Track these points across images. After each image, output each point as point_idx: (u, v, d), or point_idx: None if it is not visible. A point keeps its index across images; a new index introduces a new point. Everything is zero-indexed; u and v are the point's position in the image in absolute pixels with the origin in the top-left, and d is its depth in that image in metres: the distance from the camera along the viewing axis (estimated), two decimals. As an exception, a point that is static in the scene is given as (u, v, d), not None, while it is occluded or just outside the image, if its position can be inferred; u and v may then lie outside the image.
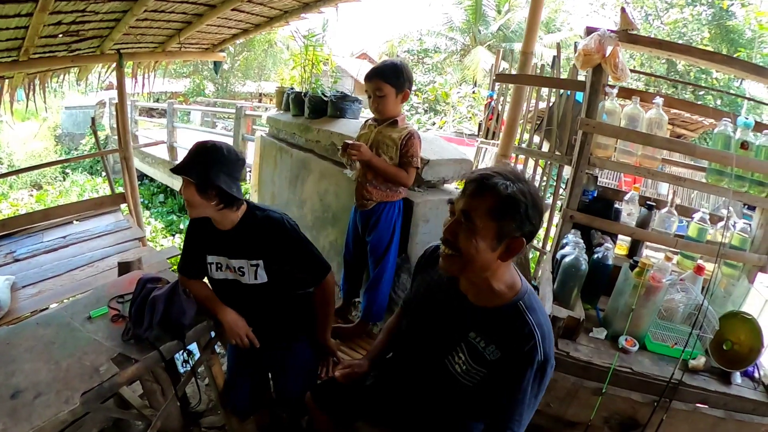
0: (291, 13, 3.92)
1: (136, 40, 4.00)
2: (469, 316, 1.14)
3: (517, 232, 1.01)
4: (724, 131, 2.02)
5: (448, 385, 1.17)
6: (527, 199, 1.00)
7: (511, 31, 15.77)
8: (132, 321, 1.54)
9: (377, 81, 1.99)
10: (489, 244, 1.02)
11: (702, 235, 2.06)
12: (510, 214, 1.00)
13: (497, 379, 1.09)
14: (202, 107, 12.86)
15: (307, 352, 1.76)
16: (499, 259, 1.05)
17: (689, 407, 1.55)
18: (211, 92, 16.44)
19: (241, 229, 1.59)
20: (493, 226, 1.01)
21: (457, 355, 1.14)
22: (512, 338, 1.06)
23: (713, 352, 1.64)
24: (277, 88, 4.42)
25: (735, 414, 1.56)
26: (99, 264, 3.19)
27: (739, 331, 1.62)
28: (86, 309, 1.67)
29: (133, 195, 4.29)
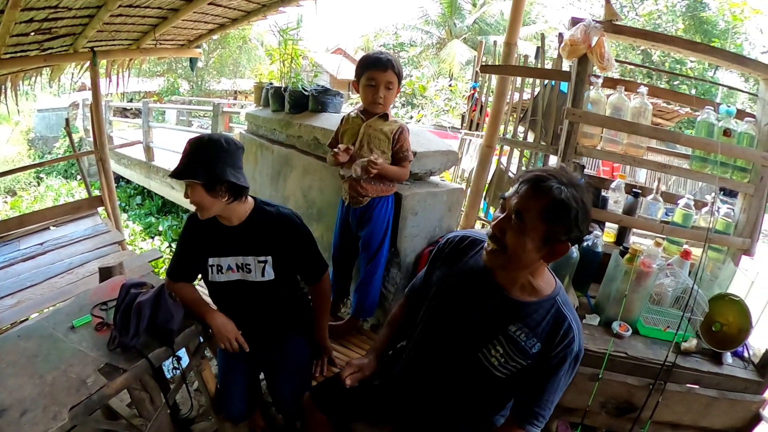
0: (269, 7, 3.85)
1: (110, 38, 3.89)
2: (508, 308, 1.14)
3: (564, 236, 1.03)
4: (707, 119, 2.07)
5: (478, 376, 1.18)
6: (579, 206, 1.01)
7: (487, 24, 15.86)
8: (117, 329, 1.47)
9: (392, 73, 1.90)
10: (535, 245, 1.04)
11: (687, 220, 2.11)
12: (561, 219, 1.02)
13: (535, 369, 1.12)
14: (178, 106, 12.57)
15: (302, 351, 1.73)
16: (542, 259, 1.09)
17: (683, 388, 1.60)
18: (185, 90, 16.17)
19: (250, 224, 1.55)
20: (543, 228, 1.03)
21: (494, 348, 1.14)
22: (553, 332, 1.10)
23: (704, 334, 1.69)
24: (255, 83, 4.34)
25: (727, 393, 1.61)
26: (78, 270, 3.09)
27: (728, 312, 1.67)
28: (69, 318, 1.61)
29: (111, 198, 4.16)
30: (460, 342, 1.19)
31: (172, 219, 7.50)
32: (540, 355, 1.11)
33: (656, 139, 2.16)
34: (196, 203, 1.44)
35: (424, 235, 2.32)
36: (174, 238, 6.89)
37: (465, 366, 1.19)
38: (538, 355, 1.11)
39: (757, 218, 2.09)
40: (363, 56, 2.03)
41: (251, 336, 1.61)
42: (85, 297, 1.78)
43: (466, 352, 1.18)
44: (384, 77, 1.90)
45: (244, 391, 1.73)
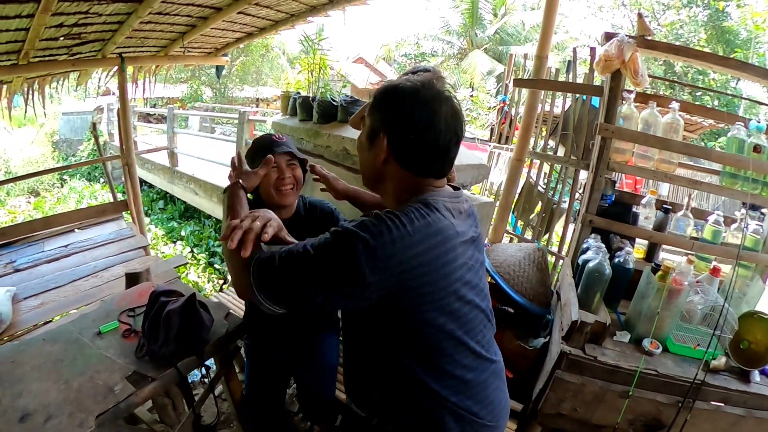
0: (297, 17, 3.88)
1: (139, 44, 3.94)
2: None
3: (380, 128, 0.97)
4: (738, 135, 2.05)
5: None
6: (391, 96, 0.97)
7: (508, 34, 15.80)
8: (146, 336, 1.49)
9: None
10: (365, 142, 1.02)
11: (717, 237, 2.08)
12: (376, 108, 0.99)
13: None
14: (202, 112, 12.77)
15: (334, 350, 1.74)
16: (377, 161, 0.99)
17: (711, 406, 1.57)
18: (208, 97, 16.37)
19: (298, 217, 1.59)
20: (368, 123, 1.01)
21: None
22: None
23: (732, 352, 1.67)
24: (282, 92, 4.38)
25: (754, 411, 1.58)
26: (103, 274, 3.12)
27: (756, 330, 1.65)
28: (95, 324, 1.61)
29: (136, 202, 4.22)
30: None
31: (194, 224, 7.55)
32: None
33: (688, 155, 2.11)
34: (297, 179, 1.53)
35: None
36: (196, 243, 6.94)
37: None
38: None
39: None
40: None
41: (288, 338, 1.61)
42: (112, 302, 1.79)
43: None
44: None
45: (271, 400, 1.72)
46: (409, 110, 0.93)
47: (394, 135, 0.94)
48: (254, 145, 1.59)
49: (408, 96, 0.94)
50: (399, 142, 0.95)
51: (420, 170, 0.97)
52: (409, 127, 0.93)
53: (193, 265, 6.19)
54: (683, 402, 1.50)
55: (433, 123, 0.93)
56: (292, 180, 1.53)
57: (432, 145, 0.94)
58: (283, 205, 1.55)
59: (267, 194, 1.52)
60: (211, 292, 5.40)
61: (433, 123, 0.93)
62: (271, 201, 1.53)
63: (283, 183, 1.51)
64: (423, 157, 0.96)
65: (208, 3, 3.39)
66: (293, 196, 1.55)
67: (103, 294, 2.78)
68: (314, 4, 3.68)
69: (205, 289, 5.63)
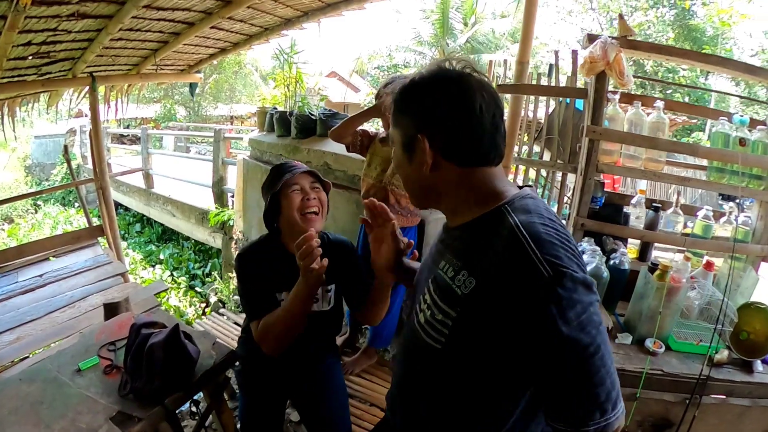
0: (272, 30, 3.83)
1: (110, 62, 3.84)
2: (443, 243, 0.87)
3: (415, 131, 0.79)
4: (723, 130, 2.07)
5: (417, 355, 0.84)
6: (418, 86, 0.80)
7: (479, 43, 16.02)
8: (129, 372, 1.40)
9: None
10: (402, 156, 0.83)
11: (708, 231, 2.09)
12: (404, 111, 0.82)
13: (494, 341, 0.68)
14: (177, 132, 12.62)
15: (338, 372, 1.65)
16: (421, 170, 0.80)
17: (717, 400, 1.59)
18: (182, 117, 16.21)
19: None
20: (397, 134, 0.84)
21: (422, 299, 0.83)
22: (489, 254, 0.70)
23: (733, 344, 1.69)
24: (258, 108, 4.33)
25: (759, 401, 1.60)
26: (80, 304, 2.98)
27: (754, 321, 1.67)
28: (74, 360, 1.52)
29: (112, 227, 4.07)
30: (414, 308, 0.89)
31: (173, 247, 7.36)
32: (479, 299, 0.69)
33: (675, 152, 2.13)
34: (322, 203, 1.42)
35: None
36: (175, 266, 6.77)
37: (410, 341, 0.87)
38: (475, 301, 0.69)
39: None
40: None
41: (295, 366, 1.52)
42: (90, 336, 1.71)
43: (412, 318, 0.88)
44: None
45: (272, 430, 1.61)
46: (439, 96, 0.77)
47: (434, 130, 0.77)
48: (272, 172, 1.47)
49: (430, 83, 0.79)
50: (443, 135, 0.77)
51: (478, 159, 0.78)
52: (449, 113, 0.77)
53: (174, 289, 6.01)
54: (690, 399, 1.49)
55: (471, 99, 0.76)
56: (317, 202, 1.40)
57: (480, 123, 0.77)
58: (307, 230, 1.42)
59: (290, 222, 1.38)
60: (194, 317, 5.23)
61: (471, 99, 0.76)
62: (294, 229, 1.37)
63: (308, 205, 1.37)
64: (477, 142, 0.77)
65: (180, 18, 3.31)
66: (319, 222, 1.40)
67: (81, 326, 2.65)
68: (289, 16, 3.65)
69: (188, 313, 5.46)
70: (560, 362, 0.64)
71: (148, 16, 3.06)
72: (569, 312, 0.63)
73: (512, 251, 0.67)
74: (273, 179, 1.42)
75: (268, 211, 1.42)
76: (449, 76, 0.79)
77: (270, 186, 1.42)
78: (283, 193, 1.38)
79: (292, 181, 1.38)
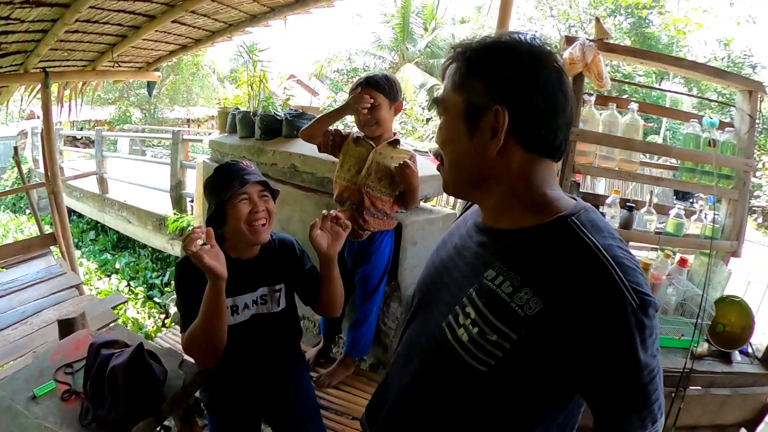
0: (236, 27, 3.68)
1: (64, 57, 3.58)
2: (486, 246, 0.74)
3: (487, 97, 0.67)
4: (694, 131, 2.15)
5: (447, 375, 0.73)
6: (504, 52, 0.68)
7: (439, 47, 16.27)
8: (89, 399, 1.26)
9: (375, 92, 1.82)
10: (463, 129, 0.70)
11: (680, 229, 2.16)
12: (469, 74, 0.69)
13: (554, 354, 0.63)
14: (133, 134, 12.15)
15: (308, 382, 1.62)
16: (485, 149, 0.68)
17: (700, 392, 1.67)
18: (138, 119, 15.66)
19: (263, 254, 1.45)
20: (460, 101, 0.70)
21: (462, 312, 0.70)
22: (562, 275, 0.63)
23: (711, 337, 1.77)
24: (219, 109, 4.17)
25: (739, 389, 1.73)
26: (33, 320, 2.72)
27: (730, 313, 1.79)
28: (28, 385, 1.36)
29: (65, 235, 3.79)
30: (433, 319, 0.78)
31: (129, 255, 7.02)
32: (546, 326, 0.62)
33: (649, 153, 2.18)
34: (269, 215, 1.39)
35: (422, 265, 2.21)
36: (132, 275, 6.45)
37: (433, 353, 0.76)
38: (539, 326, 0.63)
39: (742, 221, 2.21)
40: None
41: (260, 378, 1.46)
42: (45, 357, 1.53)
43: (435, 330, 0.75)
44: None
45: None
46: (534, 67, 0.66)
47: (517, 103, 0.66)
48: (218, 175, 1.40)
49: (524, 49, 0.67)
50: (526, 111, 0.66)
51: (551, 148, 0.69)
52: (541, 88, 0.66)
53: (131, 300, 5.72)
54: (675, 392, 1.53)
55: (565, 79, 0.67)
56: (266, 213, 1.37)
57: (565, 110, 0.68)
58: (256, 244, 1.40)
59: (236, 231, 1.35)
60: (154, 329, 4.97)
61: (565, 79, 0.67)
62: (240, 239, 1.37)
63: (256, 217, 1.34)
64: (557, 129, 0.68)
65: (141, 10, 3.14)
66: (266, 233, 1.38)
67: (35, 344, 2.43)
68: (255, 12, 3.52)
69: (147, 326, 5.20)
70: (631, 384, 0.63)
71: (107, 6, 2.87)
72: (648, 339, 0.62)
73: (597, 277, 0.61)
74: (220, 183, 1.36)
75: (212, 219, 1.36)
76: (543, 48, 0.68)
77: (215, 191, 1.36)
78: (230, 203, 1.33)
79: (240, 191, 1.33)
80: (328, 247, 1.33)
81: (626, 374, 0.63)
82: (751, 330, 1.73)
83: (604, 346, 0.61)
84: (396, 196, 1.93)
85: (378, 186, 1.87)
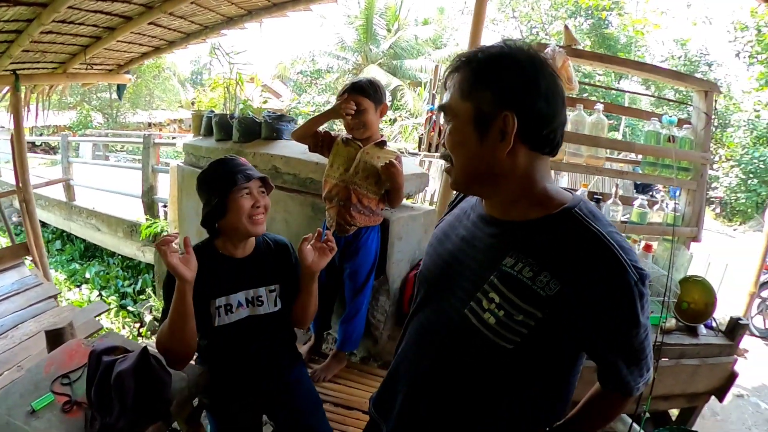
0: (211, 29, 3.64)
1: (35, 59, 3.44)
2: (501, 236, 0.82)
3: (496, 104, 0.74)
4: (654, 129, 2.32)
5: (473, 354, 0.82)
6: (510, 62, 0.75)
7: (402, 48, 16.38)
8: (95, 408, 1.25)
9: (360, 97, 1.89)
10: (472, 134, 0.77)
11: (643, 218, 2.35)
12: (479, 83, 0.76)
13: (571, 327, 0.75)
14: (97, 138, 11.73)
15: (307, 378, 1.66)
16: (493, 152, 0.76)
17: (672, 363, 1.82)
18: (99, 123, 15.14)
19: (258, 253, 1.49)
20: (469, 108, 0.77)
21: (486, 297, 0.78)
22: (575, 259, 0.73)
23: (678, 313, 1.94)
24: (193, 112, 4.12)
25: (707, 360, 1.88)
26: (13, 333, 2.60)
27: (693, 292, 1.96)
28: (24, 400, 1.32)
29: (38, 244, 3.65)
30: (450, 306, 0.85)
31: (98, 264, 6.77)
32: (564, 302, 0.73)
33: (614, 150, 2.34)
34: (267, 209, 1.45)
35: (407, 259, 2.30)
36: (103, 285, 6.24)
37: (454, 339, 0.84)
38: (559, 303, 0.73)
39: (701, 209, 2.43)
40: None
41: (255, 379, 1.49)
42: (38, 370, 1.48)
43: (454, 317, 0.83)
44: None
45: None
46: (536, 75, 0.74)
47: (522, 109, 0.74)
48: (213, 171, 1.43)
49: (524, 58, 0.75)
50: (530, 116, 0.74)
51: (550, 147, 0.78)
52: (543, 94, 0.74)
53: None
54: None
55: (556, 85, 0.76)
56: (264, 209, 1.43)
57: (562, 112, 0.77)
58: (253, 236, 1.45)
59: (234, 224, 1.39)
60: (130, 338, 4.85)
61: (556, 85, 0.76)
62: (237, 232, 1.41)
63: (257, 212, 1.39)
64: (555, 130, 0.77)
65: (118, 11, 3.07)
66: (263, 227, 1.44)
67: (18, 358, 2.34)
68: (232, 15, 3.49)
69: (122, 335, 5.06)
70: (633, 342, 0.78)
71: (85, 6, 2.80)
72: (645, 305, 0.75)
73: (605, 258, 0.72)
74: (220, 177, 1.40)
75: (213, 212, 1.40)
76: (539, 56, 0.76)
77: (216, 185, 1.39)
78: (232, 197, 1.37)
79: (244, 185, 1.38)
80: (313, 262, 1.41)
81: (630, 331, 0.76)
82: (713, 306, 1.91)
83: (613, 311, 0.74)
84: (382, 194, 2.00)
85: (365, 184, 1.94)
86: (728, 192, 10.94)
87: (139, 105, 16.11)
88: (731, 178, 10.92)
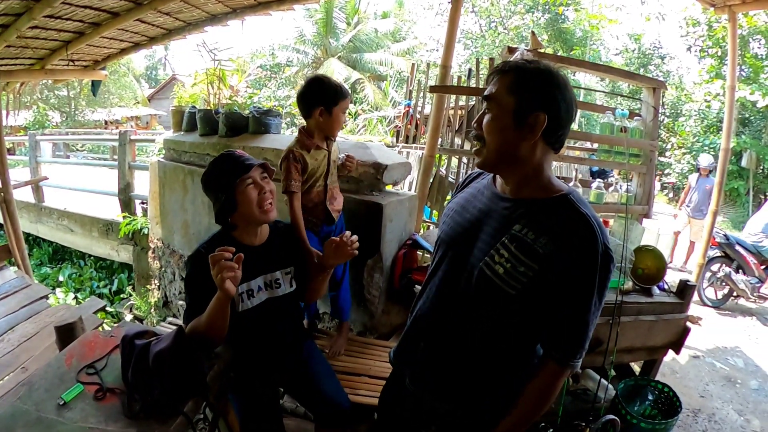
0: (194, 26, 3.66)
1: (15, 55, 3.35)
2: (512, 209, 1.04)
3: (536, 106, 0.96)
4: (609, 121, 2.64)
5: (486, 298, 1.03)
6: (546, 74, 0.97)
7: (362, 42, 16.40)
8: (135, 389, 1.31)
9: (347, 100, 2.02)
10: (509, 122, 0.98)
11: (600, 198, 2.73)
12: (526, 86, 0.97)
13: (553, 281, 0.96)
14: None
15: (317, 351, 1.80)
16: (523, 139, 0.98)
17: (631, 318, 2.07)
18: (57, 122, 14.51)
19: (272, 238, 1.58)
20: (511, 102, 0.97)
21: (498, 253, 1.01)
22: (566, 229, 0.97)
23: (634, 278, 2.23)
24: (173, 108, 4.13)
25: (662, 316, 2.14)
26: (10, 336, 2.58)
27: (646, 259, 2.24)
28: (51, 394, 1.31)
29: (20, 246, 3.59)
30: (467, 262, 1.07)
31: (70, 267, 6.60)
32: (554, 258, 0.95)
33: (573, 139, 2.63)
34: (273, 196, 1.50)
35: (396, 240, 2.51)
36: (78, 287, 6.12)
37: (472, 289, 1.05)
38: (550, 259, 0.95)
39: (651, 190, 2.79)
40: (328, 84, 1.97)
41: (278, 355, 1.61)
42: (59, 364, 1.49)
43: (468, 268, 1.06)
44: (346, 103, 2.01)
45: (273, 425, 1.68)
46: (563, 89, 0.97)
47: (553, 113, 0.96)
48: (214, 169, 1.49)
49: (556, 75, 0.98)
50: (556, 119, 0.97)
51: (559, 145, 1.03)
52: (566, 104, 0.97)
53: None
54: (612, 319, 1.87)
55: (573, 98, 1.00)
56: (271, 195, 1.50)
57: (573, 119, 1.02)
58: (267, 222, 1.53)
59: (247, 215, 1.47)
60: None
61: (573, 98, 1.00)
62: (254, 220, 1.49)
63: (265, 198, 1.47)
64: (566, 132, 1.02)
65: (107, 7, 3.04)
66: (275, 212, 1.52)
67: (21, 361, 2.34)
68: (216, 12, 3.53)
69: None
70: (581, 309, 0.98)
71: (76, 1, 2.78)
72: (605, 281, 0.98)
73: (587, 235, 0.96)
74: (224, 173, 1.45)
75: (224, 208, 1.46)
76: (561, 72, 1.02)
77: (221, 182, 1.45)
78: (239, 190, 1.43)
79: (246, 175, 1.44)
80: (326, 256, 1.54)
81: (582, 300, 0.97)
82: (664, 270, 2.20)
83: (579, 278, 0.96)
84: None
85: (335, 178, 2.16)
86: (680, 178, 11.40)
87: (96, 102, 15.51)
88: (683, 165, 11.45)
